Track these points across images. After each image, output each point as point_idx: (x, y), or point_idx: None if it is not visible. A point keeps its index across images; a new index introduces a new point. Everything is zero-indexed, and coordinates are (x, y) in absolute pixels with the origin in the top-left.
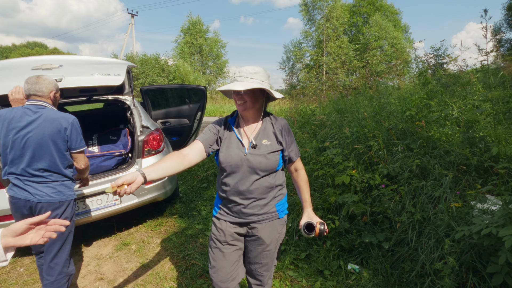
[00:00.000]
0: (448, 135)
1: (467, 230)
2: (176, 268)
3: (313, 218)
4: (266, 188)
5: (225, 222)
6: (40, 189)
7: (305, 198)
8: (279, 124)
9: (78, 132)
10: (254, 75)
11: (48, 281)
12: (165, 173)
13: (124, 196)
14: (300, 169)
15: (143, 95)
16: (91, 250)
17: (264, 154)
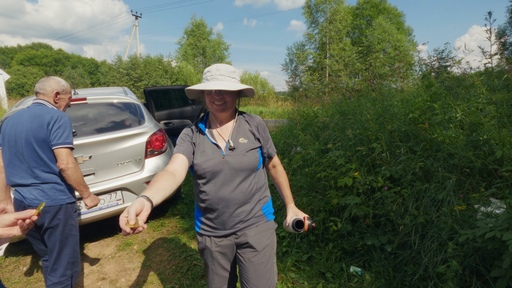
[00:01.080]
0: (451, 138)
1: (471, 234)
2: (178, 268)
3: (298, 213)
4: (250, 191)
5: (209, 238)
6: (30, 191)
7: (286, 193)
8: (255, 121)
9: (63, 127)
10: (233, 74)
11: (51, 282)
12: (165, 195)
13: (127, 196)
14: (278, 165)
15: (146, 96)
16: (94, 249)
17: (243, 153)
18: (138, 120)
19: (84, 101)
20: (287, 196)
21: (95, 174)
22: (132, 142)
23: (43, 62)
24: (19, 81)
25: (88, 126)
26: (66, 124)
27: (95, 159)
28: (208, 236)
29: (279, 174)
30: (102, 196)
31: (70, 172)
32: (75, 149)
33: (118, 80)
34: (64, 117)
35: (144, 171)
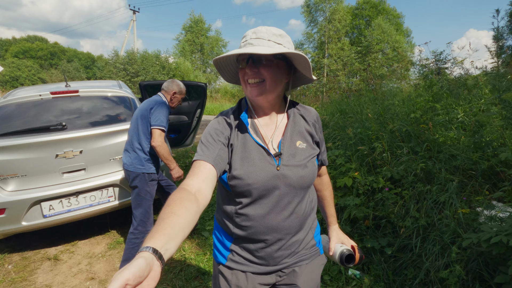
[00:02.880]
0: (453, 139)
1: (475, 238)
2: (171, 269)
3: (344, 240)
4: (305, 214)
5: (243, 274)
6: (125, 157)
7: (330, 211)
8: (312, 116)
9: (161, 111)
10: (279, 39)
11: (130, 231)
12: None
13: (119, 193)
14: (325, 174)
15: (142, 90)
16: (83, 248)
17: (304, 163)
18: (132, 115)
19: (76, 93)
20: (331, 215)
21: (86, 169)
22: (125, 137)
23: (38, 55)
24: (14, 73)
25: (80, 119)
26: (163, 111)
27: (86, 154)
28: (243, 271)
29: (325, 185)
30: (93, 193)
31: (159, 149)
32: (64, 143)
33: (114, 75)
34: (164, 106)
35: None
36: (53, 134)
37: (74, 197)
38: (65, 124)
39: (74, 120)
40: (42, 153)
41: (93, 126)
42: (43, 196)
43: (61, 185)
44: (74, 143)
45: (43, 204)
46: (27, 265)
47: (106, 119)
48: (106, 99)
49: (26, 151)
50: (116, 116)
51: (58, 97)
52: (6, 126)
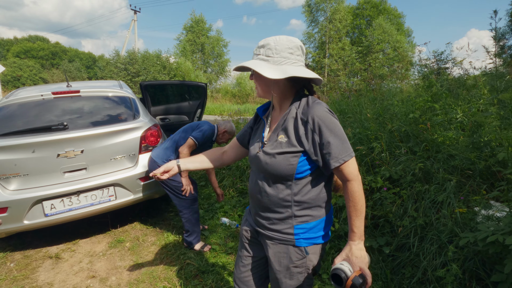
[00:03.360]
0: (452, 139)
1: (471, 237)
2: (171, 267)
3: (352, 259)
4: (279, 201)
5: (246, 220)
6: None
7: (349, 225)
8: (309, 116)
9: (204, 131)
10: (259, 50)
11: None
12: (201, 166)
13: (119, 192)
14: (348, 181)
15: (142, 90)
16: (84, 246)
17: (273, 154)
18: (133, 115)
19: (77, 93)
20: (350, 229)
21: (87, 169)
22: (126, 137)
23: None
24: (15, 73)
25: (81, 119)
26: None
27: (87, 153)
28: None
29: (347, 194)
30: (94, 192)
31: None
32: (65, 143)
33: (115, 75)
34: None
35: (138, 167)
36: (54, 134)
37: (75, 196)
38: (67, 124)
39: (75, 120)
40: (44, 153)
41: (94, 126)
42: (44, 195)
43: (62, 184)
44: (75, 143)
45: (44, 203)
46: (29, 263)
47: (107, 119)
48: (107, 99)
49: (28, 150)
50: (117, 116)
51: (59, 97)
52: (8, 126)
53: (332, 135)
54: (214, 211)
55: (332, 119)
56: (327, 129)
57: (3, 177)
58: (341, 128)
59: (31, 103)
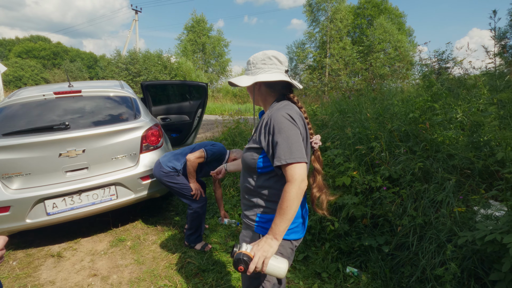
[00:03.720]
0: (451, 138)
1: (470, 236)
2: (171, 266)
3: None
4: (250, 190)
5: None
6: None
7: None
8: (268, 118)
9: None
10: (248, 67)
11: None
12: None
13: (121, 191)
14: (287, 182)
15: (143, 90)
16: (86, 245)
17: (246, 148)
18: (134, 114)
19: (79, 93)
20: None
21: (88, 168)
22: (127, 137)
23: (41, 55)
24: (17, 73)
25: (82, 119)
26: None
27: (89, 153)
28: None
29: (282, 192)
30: (95, 191)
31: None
32: (67, 142)
33: (116, 75)
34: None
35: (139, 166)
36: (56, 134)
37: (77, 195)
38: (68, 124)
39: (77, 119)
40: (45, 152)
41: (95, 125)
42: (46, 194)
43: (64, 183)
44: (77, 142)
45: (46, 202)
46: (31, 262)
47: (108, 118)
48: (108, 99)
49: (30, 150)
50: (118, 116)
51: (61, 97)
52: (10, 126)
53: (281, 137)
54: (214, 211)
55: (285, 122)
56: (278, 131)
57: (5, 176)
58: (293, 133)
59: (33, 103)
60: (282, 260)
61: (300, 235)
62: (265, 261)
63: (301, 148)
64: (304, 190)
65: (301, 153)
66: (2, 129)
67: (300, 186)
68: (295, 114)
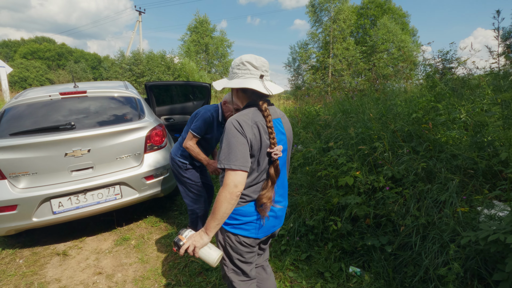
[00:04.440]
0: (455, 138)
1: (473, 236)
2: (175, 265)
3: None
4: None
5: None
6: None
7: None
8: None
9: (199, 119)
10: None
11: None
12: None
13: (125, 191)
14: (222, 185)
15: (147, 91)
16: (91, 244)
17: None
18: (138, 115)
19: (84, 94)
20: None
21: (94, 168)
22: (131, 137)
23: (46, 56)
24: (22, 74)
25: (88, 119)
26: (202, 118)
27: (94, 152)
28: None
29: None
30: (100, 191)
31: (188, 151)
32: (73, 142)
33: (120, 76)
34: (205, 114)
35: (143, 166)
36: (62, 134)
37: (82, 195)
38: (74, 124)
39: (82, 119)
40: (52, 152)
41: (100, 125)
42: (53, 193)
43: (70, 182)
44: (82, 142)
45: (52, 201)
46: (37, 260)
47: (113, 119)
48: (113, 99)
49: (36, 149)
50: (122, 116)
51: (67, 97)
52: (17, 126)
53: (225, 142)
54: None
55: (232, 129)
56: (225, 136)
57: (12, 175)
58: (236, 141)
59: (40, 103)
60: (216, 250)
61: (249, 233)
62: (195, 249)
63: (240, 155)
64: (237, 195)
65: (238, 161)
66: (10, 129)
67: (230, 191)
68: (247, 122)
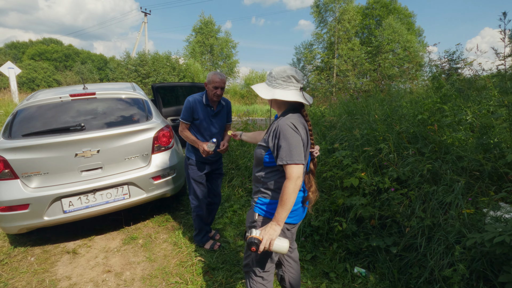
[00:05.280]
0: (461, 140)
1: (479, 238)
2: (182, 264)
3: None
4: (255, 178)
5: None
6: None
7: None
8: (275, 125)
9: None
10: (267, 77)
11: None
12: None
13: (133, 191)
14: (286, 179)
15: (154, 92)
16: (100, 242)
17: (257, 145)
18: (146, 116)
19: (93, 95)
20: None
21: (103, 168)
22: (139, 138)
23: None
24: (30, 75)
25: (97, 120)
26: (184, 105)
27: (103, 153)
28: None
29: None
30: (109, 190)
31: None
32: (82, 143)
33: (126, 76)
34: (186, 101)
35: (150, 166)
36: (72, 135)
37: (92, 194)
38: (84, 125)
39: (91, 121)
40: (62, 152)
41: (109, 127)
42: (63, 192)
43: (80, 182)
44: (92, 143)
45: (63, 200)
46: (48, 258)
47: (121, 120)
48: (121, 100)
49: (48, 150)
50: (130, 117)
51: (76, 99)
52: (29, 127)
53: (284, 142)
54: (223, 210)
55: (289, 130)
56: (283, 136)
57: (25, 175)
58: (295, 139)
59: (50, 105)
60: (283, 239)
61: (292, 220)
62: (271, 242)
63: (300, 151)
64: (300, 185)
65: (299, 156)
66: (22, 130)
67: (296, 182)
68: (299, 125)
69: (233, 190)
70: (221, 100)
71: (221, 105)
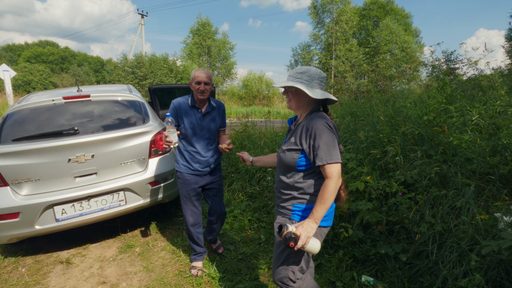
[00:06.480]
0: (468, 142)
1: (495, 245)
2: (181, 273)
3: (300, 227)
4: (285, 185)
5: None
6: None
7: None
8: (310, 125)
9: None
10: (299, 75)
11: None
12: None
13: (129, 197)
14: (326, 178)
15: (151, 94)
16: (94, 251)
17: (284, 150)
18: (143, 119)
19: (87, 98)
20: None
21: (97, 173)
22: (136, 141)
23: (49, 60)
24: (26, 78)
25: (91, 123)
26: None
27: (98, 158)
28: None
29: (322, 186)
30: (104, 197)
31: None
32: (76, 148)
33: (123, 79)
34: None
35: (147, 171)
36: (65, 139)
37: (86, 201)
38: (77, 129)
39: (86, 124)
40: (55, 158)
41: (104, 130)
42: (56, 200)
43: (73, 189)
44: (86, 148)
45: (56, 208)
46: (40, 269)
47: (117, 123)
48: (117, 103)
49: (39, 155)
50: (126, 120)
51: (70, 101)
52: (20, 131)
53: (322, 142)
54: None
55: (325, 129)
56: (319, 136)
57: (15, 182)
58: (332, 138)
59: (43, 108)
60: (316, 240)
61: (327, 223)
62: (308, 239)
63: (337, 150)
64: (340, 184)
65: (338, 155)
66: (12, 135)
67: (337, 181)
68: (333, 124)
69: (233, 194)
70: (212, 101)
71: (210, 106)
